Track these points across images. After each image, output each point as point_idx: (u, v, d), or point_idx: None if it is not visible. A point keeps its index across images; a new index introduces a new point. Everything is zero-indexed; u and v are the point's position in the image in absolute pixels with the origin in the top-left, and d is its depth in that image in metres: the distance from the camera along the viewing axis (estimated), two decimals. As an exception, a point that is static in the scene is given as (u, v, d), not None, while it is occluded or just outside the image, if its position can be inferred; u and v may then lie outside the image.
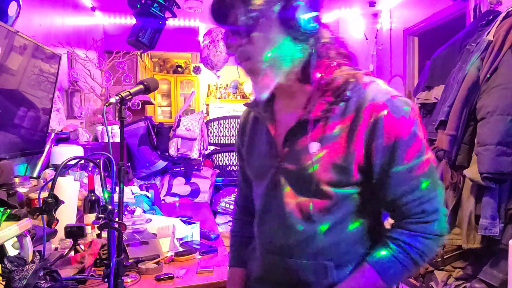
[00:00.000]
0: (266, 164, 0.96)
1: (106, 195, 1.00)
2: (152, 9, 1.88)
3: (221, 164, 4.05)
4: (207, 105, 6.22)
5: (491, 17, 2.11)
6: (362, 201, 0.89)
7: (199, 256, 1.65)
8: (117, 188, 0.98)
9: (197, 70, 6.03)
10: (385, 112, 0.82)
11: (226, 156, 4.06)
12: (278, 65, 0.87)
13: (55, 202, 1.25)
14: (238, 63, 0.92)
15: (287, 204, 0.91)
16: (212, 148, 4.08)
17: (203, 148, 3.69)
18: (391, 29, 4.11)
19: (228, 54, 0.95)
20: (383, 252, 0.87)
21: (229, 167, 4.05)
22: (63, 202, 1.31)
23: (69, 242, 1.59)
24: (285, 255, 0.92)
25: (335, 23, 4.57)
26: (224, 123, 4.07)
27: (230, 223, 3.65)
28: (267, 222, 0.96)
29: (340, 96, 0.86)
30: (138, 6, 1.89)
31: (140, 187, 2.61)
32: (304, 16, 0.84)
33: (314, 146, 0.87)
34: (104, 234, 1.62)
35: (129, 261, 1.49)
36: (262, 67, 0.87)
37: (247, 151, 1.05)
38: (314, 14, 0.85)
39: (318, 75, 0.88)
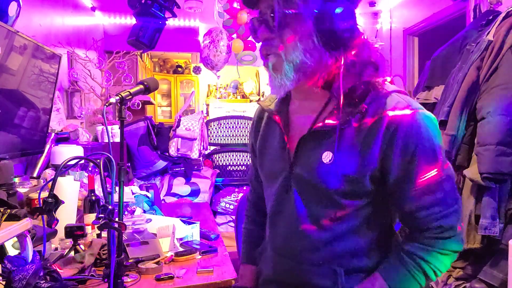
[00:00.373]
0: (278, 167, 0.94)
1: (107, 196, 1.00)
2: (152, 9, 1.88)
3: (221, 164, 4.05)
4: (207, 105, 6.22)
5: (491, 17, 2.11)
6: (374, 211, 0.88)
7: (199, 256, 1.65)
8: (117, 188, 0.98)
9: (197, 70, 6.03)
10: (404, 124, 0.79)
11: (226, 156, 4.06)
12: (304, 68, 0.84)
13: (55, 202, 1.25)
14: (261, 55, 0.89)
15: (298, 210, 0.89)
16: (212, 148, 4.08)
17: (203, 148, 3.69)
18: (391, 29, 4.12)
19: (255, 40, 0.92)
20: (396, 264, 0.85)
21: (229, 167, 4.05)
22: (63, 202, 1.31)
23: (69, 242, 1.59)
24: (295, 259, 0.91)
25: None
26: (224, 123, 4.07)
27: (230, 223, 3.66)
28: (278, 225, 0.95)
29: (358, 106, 0.82)
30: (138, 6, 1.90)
31: (140, 187, 2.60)
32: (340, 25, 0.80)
33: (326, 156, 0.84)
34: (104, 234, 1.62)
35: (129, 261, 1.49)
36: (287, 67, 0.83)
37: (260, 151, 1.03)
38: (350, 22, 0.82)
39: (345, 87, 0.84)
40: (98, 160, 1.12)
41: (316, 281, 0.89)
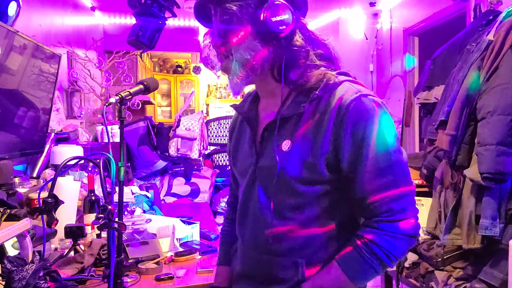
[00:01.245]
0: (247, 162, 0.99)
1: (107, 196, 1.00)
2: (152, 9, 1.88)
3: (221, 164, 4.05)
4: (207, 105, 6.22)
5: (491, 17, 2.11)
6: (334, 201, 0.90)
7: (199, 256, 1.65)
8: (117, 188, 0.98)
9: (197, 70, 6.04)
10: (352, 109, 0.84)
11: (226, 156, 4.06)
12: (250, 64, 0.91)
13: (55, 202, 1.25)
14: (218, 61, 0.97)
15: (261, 201, 0.94)
16: (212, 148, 4.08)
17: (203, 148, 3.68)
18: (391, 29, 4.11)
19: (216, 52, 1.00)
20: (349, 250, 0.87)
21: (229, 167, 4.05)
22: (63, 202, 1.31)
23: (69, 242, 1.59)
24: (260, 251, 0.94)
25: (335, 23, 4.57)
26: (224, 123, 4.06)
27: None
28: (245, 218, 0.99)
29: (311, 95, 0.88)
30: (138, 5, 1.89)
31: (140, 187, 2.60)
32: (274, 18, 0.87)
33: (285, 144, 0.89)
34: (104, 234, 1.62)
35: (129, 261, 1.49)
36: (235, 67, 0.91)
37: (233, 151, 1.09)
38: (284, 16, 0.88)
39: (294, 75, 0.91)
40: (98, 160, 1.12)
41: (279, 273, 0.92)
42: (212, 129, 4.05)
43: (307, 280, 0.89)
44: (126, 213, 2.00)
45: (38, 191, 1.34)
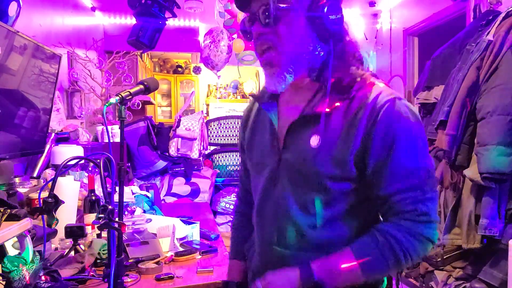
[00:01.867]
0: (268, 155, 0.96)
1: (107, 196, 1.00)
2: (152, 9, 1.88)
3: (221, 164, 4.05)
4: (207, 105, 6.22)
5: (491, 17, 2.11)
6: (360, 199, 0.90)
7: (199, 256, 1.65)
8: (117, 188, 0.98)
9: (197, 70, 6.03)
10: (386, 110, 0.83)
11: (226, 156, 4.06)
12: (298, 59, 0.89)
13: (55, 202, 1.25)
14: (256, 54, 0.93)
15: (285, 196, 0.92)
16: (212, 148, 4.08)
17: (203, 148, 3.68)
18: (391, 29, 4.12)
19: (246, 40, 0.97)
20: (366, 239, 0.86)
21: (229, 167, 4.05)
22: (63, 202, 1.31)
23: (69, 242, 1.59)
24: (283, 246, 0.93)
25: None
26: (224, 123, 4.07)
27: (230, 223, 3.66)
28: (265, 213, 0.97)
29: (345, 94, 0.87)
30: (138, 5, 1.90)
31: (140, 187, 2.60)
32: (330, 16, 0.86)
33: (314, 140, 0.88)
34: (104, 234, 1.62)
35: (129, 261, 1.49)
36: (283, 60, 0.88)
37: (249, 143, 1.05)
38: (339, 15, 0.88)
39: (329, 72, 0.89)
40: (98, 160, 1.12)
41: None
42: (212, 129, 4.05)
43: (317, 260, 0.86)
44: (126, 213, 2.00)
45: (39, 191, 1.34)
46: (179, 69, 7.11)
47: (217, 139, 4.05)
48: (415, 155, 0.84)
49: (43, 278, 1.18)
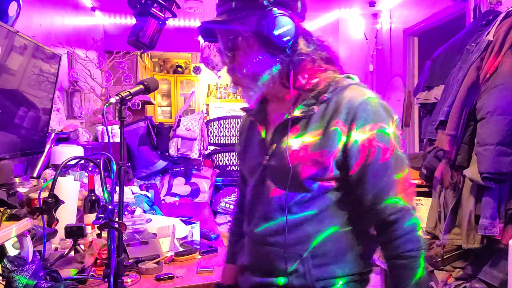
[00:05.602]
0: (256, 162, 1.02)
1: (106, 195, 1.00)
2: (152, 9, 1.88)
3: (221, 164, 4.05)
4: (207, 105, 6.21)
5: (491, 17, 2.11)
6: (341, 197, 0.94)
7: (199, 256, 1.66)
8: (117, 188, 0.98)
9: (197, 70, 6.04)
10: (361, 111, 0.88)
11: (226, 156, 4.06)
12: (259, 77, 0.96)
13: (55, 202, 1.26)
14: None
15: (270, 197, 0.97)
16: (212, 148, 4.08)
17: (203, 148, 3.68)
18: (391, 29, 4.11)
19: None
20: (400, 274, 0.91)
21: (229, 167, 4.05)
22: (63, 202, 1.31)
23: (69, 242, 1.59)
24: (266, 243, 0.97)
25: (335, 23, 4.57)
26: (224, 123, 4.07)
27: (230, 223, 3.66)
28: (253, 215, 1.02)
29: (320, 98, 0.93)
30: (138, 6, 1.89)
31: (140, 187, 2.60)
32: (277, 32, 0.90)
33: (295, 143, 0.93)
34: (104, 234, 1.62)
35: (129, 261, 1.49)
36: (244, 80, 0.97)
37: (242, 152, 1.12)
38: (287, 28, 0.91)
39: (302, 80, 0.96)
40: (98, 160, 1.12)
41: (283, 265, 0.95)
42: (212, 129, 4.05)
43: None
44: (126, 213, 2.00)
45: (39, 191, 1.34)
46: (179, 69, 7.11)
47: (217, 139, 4.06)
48: (392, 153, 0.89)
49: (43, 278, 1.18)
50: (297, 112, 0.95)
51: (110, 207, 0.95)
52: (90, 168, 2.22)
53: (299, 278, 0.93)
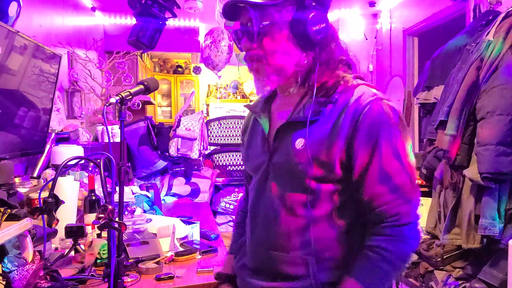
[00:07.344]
0: (259, 159, 1.01)
1: (107, 196, 1.00)
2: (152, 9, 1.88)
3: (221, 164, 4.05)
4: (207, 105, 6.22)
5: (491, 17, 2.11)
6: (345, 199, 0.92)
7: (199, 256, 1.66)
8: (117, 188, 0.99)
9: (197, 70, 6.04)
10: (368, 112, 0.86)
11: (226, 156, 4.06)
12: (284, 69, 0.93)
13: (55, 202, 1.26)
14: (244, 59, 0.97)
15: (273, 197, 0.95)
16: (212, 148, 4.08)
17: (203, 148, 3.68)
18: (391, 29, 4.12)
19: (239, 49, 1.01)
20: (362, 262, 0.88)
21: (229, 167, 4.05)
22: (63, 202, 1.31)
23: (69, 242, 1.59)
24: (270, 247, 0.95)
25: (335, 23, 4.57)
26: (224, 123, 4.07)
27: (230, 223, 3.67)
28: (256, 215, 1.01)
29: (328, 97, 0.91)
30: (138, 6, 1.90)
31: (140, 187, 2.61)
32: (313, 28, 0.89)
33: (299, 142, 0.91)
34: (104, 234, 1.62)
35: (129, 261, 1.49)
36: (268, 70, 0.93)
37: (246, 149, 1.10)
38: (322, 25, 0.91)
39: (315, 79, 0.93)
40: (98, 160, 1.12)
41: (287, 270, 0.93)
42: (212, 129, 4.05)
43: None
44: (126, 213, 2.00)
45: (39, 191, 1.34)
46: (179, 69, 7.11)
47: (217, 139, 4.06)
48: (397, 157, 0.87)
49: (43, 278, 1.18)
50: (302, 111, 0.93)
51: (110, 207, 0.95)
52: (90, 168, 2.22)
53: (305, 282, 0.91)
